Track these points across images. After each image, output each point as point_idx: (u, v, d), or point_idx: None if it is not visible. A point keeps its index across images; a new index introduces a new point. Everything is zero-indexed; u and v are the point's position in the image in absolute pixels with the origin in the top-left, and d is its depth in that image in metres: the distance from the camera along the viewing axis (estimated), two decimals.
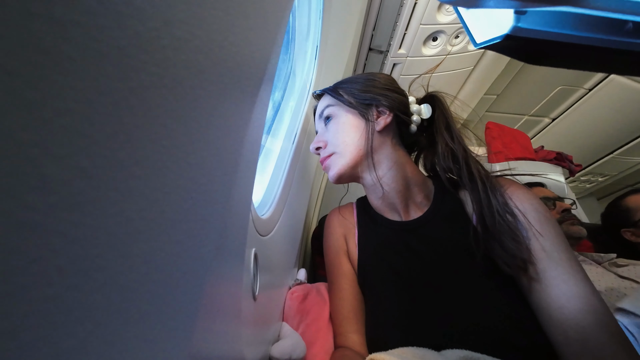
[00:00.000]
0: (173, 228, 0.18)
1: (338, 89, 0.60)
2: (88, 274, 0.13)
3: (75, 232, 0.12)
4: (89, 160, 0.12)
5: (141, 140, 0.15)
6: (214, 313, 0.26)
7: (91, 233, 0.13)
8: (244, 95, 0.26)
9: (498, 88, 1.80)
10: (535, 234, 0.44)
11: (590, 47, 0.20)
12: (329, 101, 0.60)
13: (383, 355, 0.39)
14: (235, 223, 0.30)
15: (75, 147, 0.11)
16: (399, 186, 0.55)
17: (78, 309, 0.12)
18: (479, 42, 0.21)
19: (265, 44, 0.30)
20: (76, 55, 0.11)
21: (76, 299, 0.12)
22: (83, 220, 0.12)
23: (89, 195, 0.12)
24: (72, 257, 0.12)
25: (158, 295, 0.17)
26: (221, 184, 0.24)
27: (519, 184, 0.51)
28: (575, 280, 0.40)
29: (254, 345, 0.38)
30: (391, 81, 0.61)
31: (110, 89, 0.13)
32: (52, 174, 0.11)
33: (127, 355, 0.15)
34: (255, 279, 0.40)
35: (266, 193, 0.59)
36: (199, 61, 0.18)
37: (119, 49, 0.13)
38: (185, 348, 0.20)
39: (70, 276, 0.12)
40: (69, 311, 0.12)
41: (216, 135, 0.22)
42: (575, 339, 0.38)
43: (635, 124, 1.80)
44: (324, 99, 0.62)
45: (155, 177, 0.16)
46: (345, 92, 0.58)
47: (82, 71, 0.11)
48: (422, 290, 0.48)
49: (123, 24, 0.13)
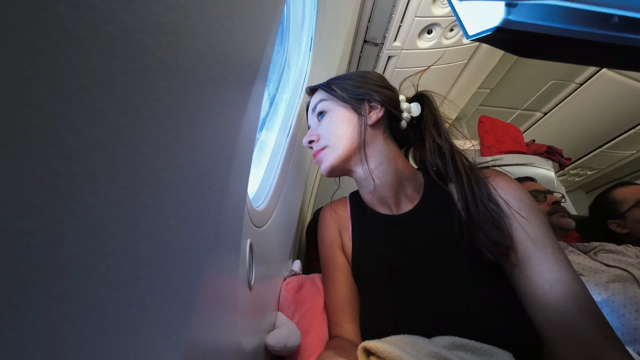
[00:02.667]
0: (175, 205, 0.18)
1: (331, 85, 0.61)
2: (102, 239, 0.13)
3: (91, 199, 0.13)
4: (103, 134, 0.13)
5: (148, 119, 0.15)
6: (210, 302, 0.26)
7: (105, 202, 0.13)
8: (241, 82, 0.26)
9: (491, 82, 1.81)
10: (520, 222, 0.45)
11: (579, 41, 0.20)
12: (322, 96, 0.61)
13: (375, 343, 0.40)
14: (231, 213, 0.30)
15: (92, 121, 0.12)
16: (390, 179, 0.56)
17: (93, 270, 0.13)
18: (471, 34, 0.21)
19: (261, 33, 0.30)
20: (90, 35, 0.12)
21: (91, 262, 0.13)
22: (98, 190, 0.13)
23: (103, 166, 0.13)
24: (88, 223, 0.13)
25: (155, 281, 0.18)
26: (219, 168, 0.24)
27: (504, 174, 0.53)
28: (558, 267, 0.42)
29: (250, 333, 0.39)
30: (382, 79, 0.63)
31: (120, 69, 0.13)
32: (73, 144, 0.12)
33: (122, 339, 0.16)
34: (250, 269, 0.40)
35: (261, 185, 0.59)
36: (198, 47, 0.19)
37: (127, 32, 0.13)
38: (182, 335, 0.21)
39: (87, 239, 0.13)
40: (85, 271, 0.13)
41: (214, 120, 0.22)
42: (558, 323, 0.39)
43: (624, 119, 1.84)
44: (317, 94, 0.64)
45: (159, 156, 0.16)
46: (338, 87, 0.60)
47: (95, 50, 0.12)
48: (413, 281, 0.50)
49: (130, 7, 0.13)
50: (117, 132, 0.13)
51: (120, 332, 0.15)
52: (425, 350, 0.40)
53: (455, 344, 0.41)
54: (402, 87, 0.65)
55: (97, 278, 0.13)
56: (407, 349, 0.39)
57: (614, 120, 1.87)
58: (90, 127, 0.12)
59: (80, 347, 0.13)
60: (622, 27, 0.19)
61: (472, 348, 0.41)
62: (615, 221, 1.01)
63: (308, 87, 0.68)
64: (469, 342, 0.41)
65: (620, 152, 2.15)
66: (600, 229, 1.08)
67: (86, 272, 0.13)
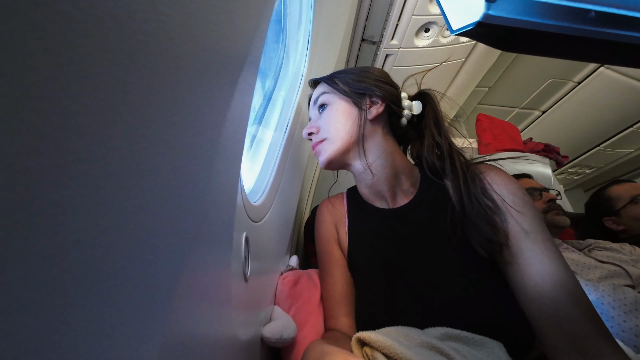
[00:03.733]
0: (152, 194, 0.19)
1: (334, 78, 0.62)
2: (71, 229, 0.14)
3: (64, 189, 0.13)
4: (96, 105, 0.14)
5: (133, 95, 0.17)
6: (196, 293, 0.26)
7: (77, 189, 0.14)
8: (226, 72, 0.27)
9: (490, 80, 1.82)
10: (513, 215, 0.46)
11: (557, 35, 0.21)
12: (324, 89, 0.62)
13: (368, 333, 0.41)
14: (220, 205, 0.30)
15: (87, 91, 0.14)
16: (386, 174, 0.57)
17: (62, 261, 0.14)
18: (454, 28, 0.22)
19: (247, 27, 0.31)
20: (80, 17, 0.13)
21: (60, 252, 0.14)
22: (70, 174, 0.14)
23: (76, 147, 0.14)
24: (59, 212, 0.13)
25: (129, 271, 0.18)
26: (202, 157, 0.24)
27: (499, 168, 0.53)
28: (550, 259, 0.42)
29: (245, 325, 0.39)
30: (385, 75, 0.63)
31: (108, 48, 0.15)
32: (74, 108, 0.13)
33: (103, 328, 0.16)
34: (246, 262, 0.41)
35: (258, 181, 0.60)
36: (180, 35, 0.20)
37: (112, 17, 0.15)
38: (160, 325, 0.21)
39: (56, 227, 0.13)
40: (54, 263, 0.13)
41: (196, 105, 0.23)
42: (549, 314, 0.40)
43: (621, 117, 1.84)
44: (320, 87, 0.64)
45: (134, 140, 0.17)
46: (340, 81, 0.60)
47: (86, 30, 0.13)
48: (407, 274, 0.51)
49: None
50: (105, 110, 0.15)
51: (91, 325, 0.15)
52: (417, 340, 0.40)
53: (448, 335, 0.42)
54: (405, 84, 0.65)
55: (66, 269, 0.14)
56: (399, 340, 0.40)
57: (612, 119, 1.88)
58: (88, 93, 0.13)
59: (51, 341, 0.13)
60: (598, 21, 0.20)
61: (463, 338, 0.42)
62: (611, 218, 1.02)
63: (311, 79, 0.68)
64: (460, 333, 0.42)
65: (619, 150, 2.15)
66: (596, 226, 1.09)
67: (55, 263, 0.13)
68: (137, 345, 0.19)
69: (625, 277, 0.75)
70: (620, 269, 0.76)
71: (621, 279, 0.75)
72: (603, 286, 0.72)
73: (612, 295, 0.70)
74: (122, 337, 0.17)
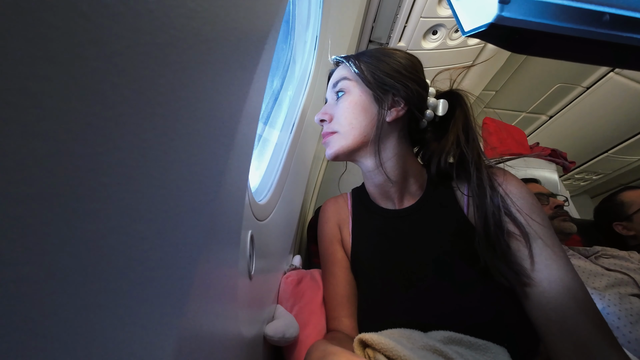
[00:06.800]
0: (169, 193, 0.19)
1: (360, 62, 0.54)
2: (91, 230, 0.14)
3: (82, 188, 0.13)
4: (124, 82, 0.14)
5: (165, 89, 0.17)
6: (208, 290, 0.26)
7: (96, 191, 0.14)
8: (244, 70, 0.27)
9: (497, 84, 1.80)
10: (525, 218, 0.45)
11: (570, 38, 0.21)
12: (347, 73, 0.56)
13: (371, 335, 0.40)
14: (230, 203, 0.31)
15: (126, 83, 0.14)
16: (396, 176, 0.55)
17: (81, 263, 0.14)
18: (466, 30, 0.22)
19: (264, 26, 0.31)
20: (124, 11, 0.14)
21: (81, 256, 0.14)
22: (88, 176, 0.14)
23: (95, 150, 0.14)
24: (78, 214, 0.13)
25: (148, 269, 0.18)
26: (217, 155, 0.25)
27: (511, 173, 0.52)
28: (558, 265, 0.42)
29: (249, 323, 0.40)
30: (417, 70, 0.56)
31: (144, 41, 0.15)
32: (115, 99, 0.14)
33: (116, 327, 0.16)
34: (251, 260, 0.41)
35: (263, 180, 0.60)
36: (206, 31, 0.20)
37: (149, 11, 0.15)
38: (176, 323, 0.21)
39: (77, 232, 0.13)
40: (74, 265, 0.13)
41: (218, 100, 0.23)
42: (556, 320, 0.39)
43: (631, 124, 1.82)
44: (342, 68, 0.58)
45: (154, 139, 0.17)
46: (367, 67, 0.54)
47: (127, 23, 0.14)
48: (411, 275, 0.50)
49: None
50: (113, 108, 0.15)
51: (110, 322, 0.15)
52: (420, 343, 0.40)
53: (451, 339, 0.42)
54: (436, 78, 0.59)
55: (85, 269, 0.14)
56: (402, 342, 0.40)
57: (620, 125, 1.85)
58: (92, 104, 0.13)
59: (70, 340, 0.13)
60: (613, 24, 0.20)
61: (467, 343, 0.41)
62: (622, 223, 1.01)
63: (334, 57, 0.61)
64: (464, 337, 0.42)
65: (627, 157, 2.12)
66: (603, 232, 1.08)
67: (75, 264, 0.13)
68: (157, 335, 0.19)
69: (632, 285, 0.73)
70: (628, 277, 0.75)
71: (628, 287, 0.74)
72: (609, 295, 0.71)
73: (617, 304, 0.69)
74: (147, 324, 0.18)
